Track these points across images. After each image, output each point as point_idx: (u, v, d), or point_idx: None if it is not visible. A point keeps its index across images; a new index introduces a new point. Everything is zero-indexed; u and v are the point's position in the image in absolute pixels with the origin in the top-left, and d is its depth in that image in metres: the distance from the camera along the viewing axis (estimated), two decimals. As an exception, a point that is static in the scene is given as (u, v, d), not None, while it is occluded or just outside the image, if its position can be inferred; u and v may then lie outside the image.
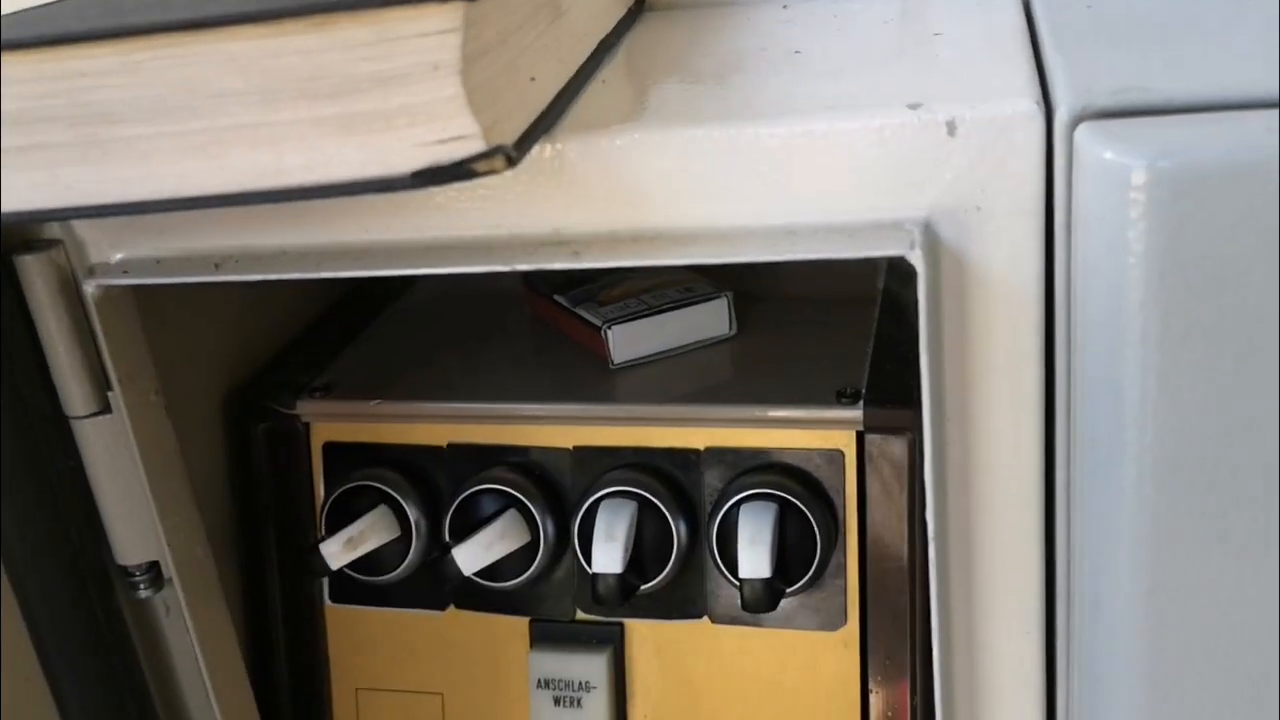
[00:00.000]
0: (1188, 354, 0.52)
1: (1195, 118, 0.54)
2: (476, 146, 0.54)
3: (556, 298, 0.96)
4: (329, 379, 0.92)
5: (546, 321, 0.99)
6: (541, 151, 0.63)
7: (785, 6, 0.89)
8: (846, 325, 0.94)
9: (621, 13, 0.86)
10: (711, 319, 0.93)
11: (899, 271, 1.03)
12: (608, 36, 0.79)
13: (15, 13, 0.67)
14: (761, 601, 0.78)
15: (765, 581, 0.78)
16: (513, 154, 0.55)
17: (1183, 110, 0.54)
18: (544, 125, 0.62)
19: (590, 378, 0.90)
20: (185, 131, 0.56)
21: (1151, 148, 0.51)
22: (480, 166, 0.54)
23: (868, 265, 1.06)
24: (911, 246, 0.59)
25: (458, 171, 0.54)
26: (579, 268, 0.64)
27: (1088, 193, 0.54)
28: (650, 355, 0.91)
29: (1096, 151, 0.53)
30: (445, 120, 0.54)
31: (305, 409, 0.90)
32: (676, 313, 0.92)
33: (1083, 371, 0.58)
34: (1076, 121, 0.56)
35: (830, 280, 1.04)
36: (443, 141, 0.54)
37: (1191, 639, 0.57)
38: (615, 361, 0.90)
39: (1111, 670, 0.60)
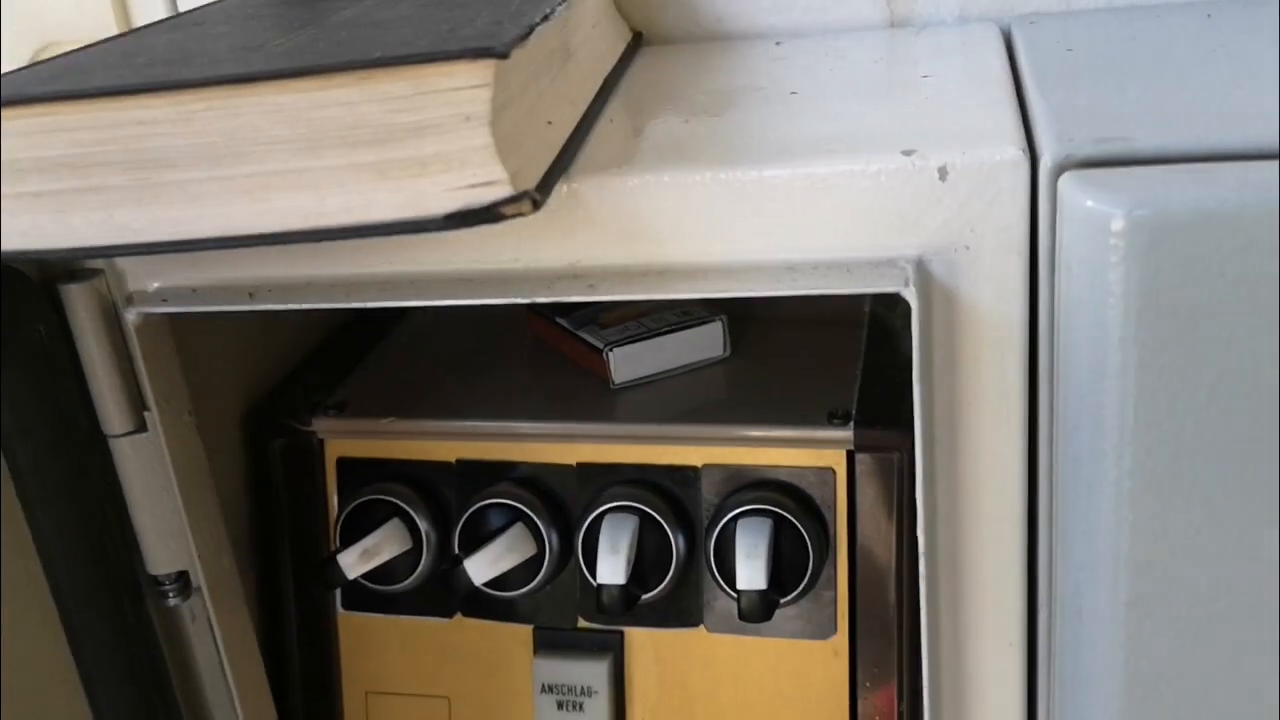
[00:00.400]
0: (1164, 386, 0.57)
1: (1172, 168, 0.58)
2: (505, 191, 0.58)
3: (559, 320, 1.00)
4: (343, 397, 0.95)
5: (548, 343, 1.03)
6: (559, 191, 0.66)
7: (778, 43, 0.93)
8: (835, 347, 0.98)
9: (622, 48, 0.90)
10: (707, 341, 0.97)
11: (884, 296, 1.07)
12: (611, 74, 0.83)
13: (50, 59, 0.71)
14: (757, 611, 0.82)
15: (761, 593, 0.82)
16: (538, 198, 0.59)
17: (1160, 160, 0.59)
18: (561, 166, 0.66)
19: (592, 397, 0.94)
20: (233, 176, 0.60)
21: (1130, 197, 0.55)
22: (508, 210, 0.58)
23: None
24: (905, 284, 0.63)
25: (487, 215, 0.59)
26: (595, 300, 0.68)
27: (1070, 237, 0.58)
28: (649, 376, 0.95)
29: (1079, 200, 0.57)
30: (476, 167, 0.58)
31: (320, 426, 0.94)
32: (674, 335, 0.96)
33: (1065, 401, 0.62)
34: (1060, 170, 0.60)
35: (820, 303, 1.07)
36: (473, 187, 0.58)
37: (1169, 650, 0.61)
38: (616, 382, 0.94)
39: (1092, 679, 0.64)
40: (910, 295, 0.63)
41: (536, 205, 0.59)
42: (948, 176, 0.63)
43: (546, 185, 0.62)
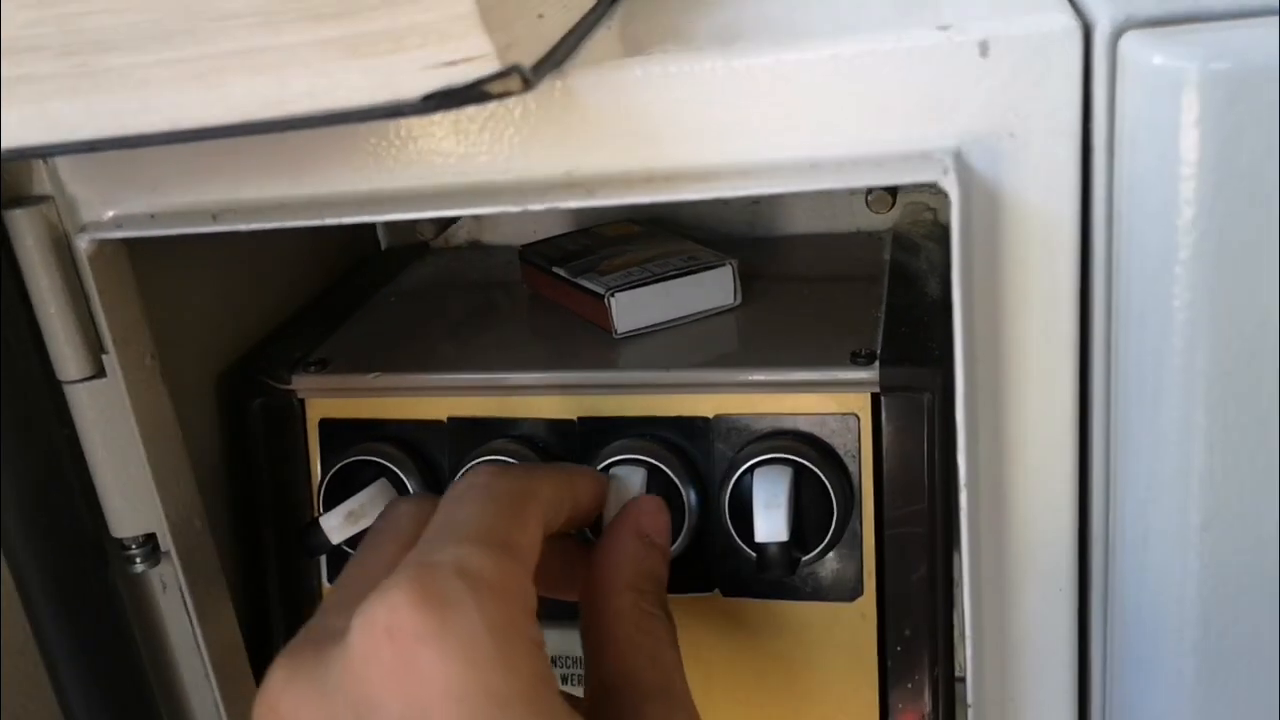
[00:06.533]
0: (1243, 269, 0.50)
1: (1245, 22, 0.51)
2: (491, 67, 0.52)
3: (555, 269, 0.94)
4: (325, 355, 0.89)
5: (546, 297, 0.97)
6: (551, 87, 0.60)
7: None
8: (854, 295, 0.92)
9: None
10: (716, 288, 0.91)
11: (904, 242, 1.01)
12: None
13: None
14: (779, 565, 0.75)
15: (783, 545, 0.75)
16: (529, 75, 0.53)
17: (1235, 16, 0.52)
18: (554, 60, 0.59)
19: (593, 347, 0.88)
20: (183, 59, 0.53)
21: (1204, 50, 0.49)
22: (495, 88, 0.52)
23: (872, 240, 1.04)
24: (945, 172, 0.57)
25: (471, 94, 0.52)
26: (593, 205, 0.61)
27: (1135, 105, 0.52)
28: (654, 325, 0.89)
29: (1145, 58, 0.51)
30: (457, 40, 0.52)
31: (300, 384, 0.87)
32: (680, 280, 0.90)
33: (1126, 298, 0.56)
34: (1120, 32, 0.53)
35: (832, 257, 1.02)
36: (454, 63, 0.52)
37: (1247, 575, 0.55)
38: (619, 331, 0.88)
39: (1160, 617, 0.58)
40: (950, 185, 0.56)
41: (528, 83, 0.53)
42: (989, 52, 0.56)
43: (539, 70, 0.56)
